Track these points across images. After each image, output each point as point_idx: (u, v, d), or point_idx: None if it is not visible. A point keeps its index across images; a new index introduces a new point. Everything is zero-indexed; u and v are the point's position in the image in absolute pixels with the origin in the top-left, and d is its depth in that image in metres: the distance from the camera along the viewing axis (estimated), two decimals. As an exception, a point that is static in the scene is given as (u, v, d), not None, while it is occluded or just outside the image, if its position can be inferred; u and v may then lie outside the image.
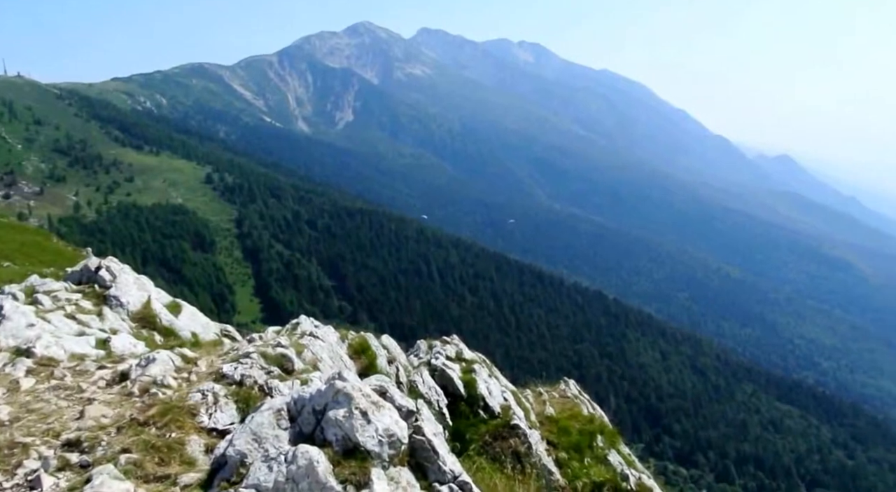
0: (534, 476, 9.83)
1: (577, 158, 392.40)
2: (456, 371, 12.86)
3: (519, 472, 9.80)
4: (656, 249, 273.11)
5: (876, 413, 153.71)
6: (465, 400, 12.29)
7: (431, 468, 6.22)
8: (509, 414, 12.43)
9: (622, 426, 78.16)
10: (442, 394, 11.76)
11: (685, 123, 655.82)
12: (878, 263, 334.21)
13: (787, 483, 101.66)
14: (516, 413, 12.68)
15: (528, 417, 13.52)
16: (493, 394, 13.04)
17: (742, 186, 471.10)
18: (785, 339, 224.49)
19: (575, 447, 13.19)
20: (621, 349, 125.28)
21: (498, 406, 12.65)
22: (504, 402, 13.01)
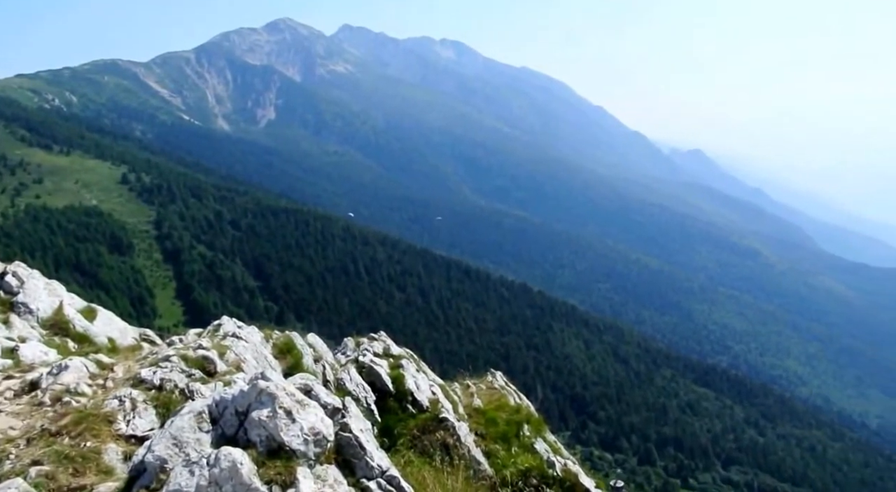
0: (462, 467, 9.94)
1: (501, 154, 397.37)
2: (384, 367, 12.85)
3: (447, 464, 9.89)
4: (578, 241, 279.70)
5: (783, 392, 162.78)
6: (394, 396, 12.30)
7: (359, 465, 6.21)
8: (438, 408, 12.51)
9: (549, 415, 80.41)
10: (370, 390, 11.74)
11: (603, 119, 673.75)
12: (782, 251, 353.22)
13: (704, 462, 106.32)
14: (445, 407, 12.77)
15: (457, 409, 13.63)
16: (422, 388, 13.09)
17: (658, 179, 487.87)
18: (700, 325, 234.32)
19: (502, 437, 13.38)
20: (547, 340, 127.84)
21: (426, 400, 12.71)
22: (432, 396, 13.08)
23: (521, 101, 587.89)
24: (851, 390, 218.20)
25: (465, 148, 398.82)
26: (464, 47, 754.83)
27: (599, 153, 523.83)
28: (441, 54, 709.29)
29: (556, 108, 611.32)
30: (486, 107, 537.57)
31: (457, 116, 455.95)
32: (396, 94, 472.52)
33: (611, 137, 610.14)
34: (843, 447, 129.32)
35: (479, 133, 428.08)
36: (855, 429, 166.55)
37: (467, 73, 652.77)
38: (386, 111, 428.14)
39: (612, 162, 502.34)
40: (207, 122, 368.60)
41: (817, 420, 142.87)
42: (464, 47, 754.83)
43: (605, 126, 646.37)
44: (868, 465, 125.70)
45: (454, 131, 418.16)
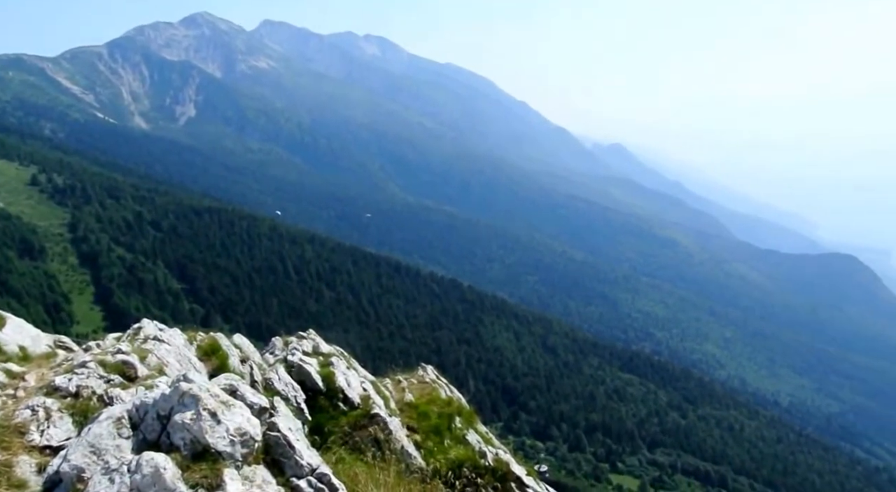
0: (393, 461, 9.96)
1: (427, 150, 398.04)
2: (313, 366, 12.73)
3: (380, 459, 9.90)
4: (506, 236, 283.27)
5: (703, 375, 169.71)
6: (325, 394, 12.21)
7: (288, 464, 6.14)
8: (369, 404, 12.49)
9: (481, 407, 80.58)
10: (300, 389, 11.61)
11: (527, 115, 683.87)
12: (700, 241, 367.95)
13: (631, 446, 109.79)
14: (376, 402, 12.76)
15: (388, 405, 13.64)
16: (353, 385, 13.03)
17: (581, 173, 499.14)
18: (624, 314, 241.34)
19: (434, 430, 13.47)
20: (478, 334, 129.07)
21: (357, 397, 12.67)
22: (364, 392, 13.04)
23: (447, 97, 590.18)
24: (765, 370, 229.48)
25: (391, 144, 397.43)
26: (388, 43, 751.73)
27: (524, 148, 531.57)
28: (365, 50, 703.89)
29: (480, 105, 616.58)
30: (412, 103, 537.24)
31: (383, 113, 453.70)
32: (321, 91, 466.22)
33: (535, 133, 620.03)
34: (758, 425, 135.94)
35: (406, 129, 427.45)
36: (768, 407, 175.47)
37: (392, 69, 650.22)
38: (310, 108, 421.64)
39: (536, 157, 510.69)
40: (123, 119, 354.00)
41: (734, 401, 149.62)
42: (388, 43, 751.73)
43: (529, 122, 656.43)
44: (780, 440, 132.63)
45: (380, 128, 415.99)
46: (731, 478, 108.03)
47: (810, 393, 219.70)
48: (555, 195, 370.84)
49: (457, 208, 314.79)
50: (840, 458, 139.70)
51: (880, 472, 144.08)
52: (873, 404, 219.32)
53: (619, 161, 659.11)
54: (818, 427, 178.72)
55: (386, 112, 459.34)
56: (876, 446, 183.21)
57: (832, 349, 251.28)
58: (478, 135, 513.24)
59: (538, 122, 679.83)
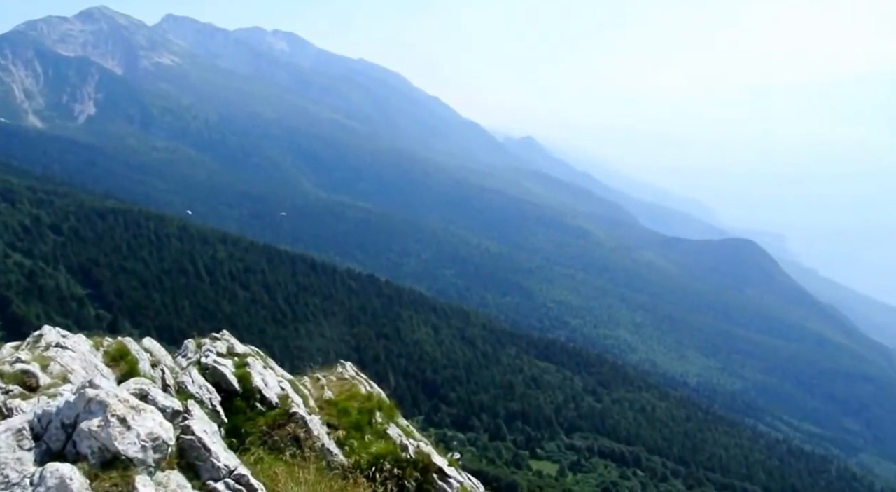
0: (313, 459, 9.91)
1: (341, 146, 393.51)
2: (228, 367, 12.50)
3: (299, 457, 9.83)
4: (422, 230, 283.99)
5: (616, 360, 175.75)
6: (241, 395, 12.03)
7: (204, 467, 6.00)
8: (287, 403, 12.37)
9: (402, 401, 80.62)
10: (214, 391, 11.36)
11: (439, 109, 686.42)
12: (610, 230, 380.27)
13: (549, 432, 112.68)
14: (294, 401, 12.65)
15: (307, 403, 13.55)
16: (270, 385, 12.87)
17: (493, 166, 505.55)
18: (539, 303, 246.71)
19: (355, 426, 13.49)
20: (396, 328, 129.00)
21: (275, 397, 12.53)
22: (281, 391, 12.91)
23: (359, 92, 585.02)
24: (673, 353, 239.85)
25: (303, 141, 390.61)
26: (297, 39, 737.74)
27: (437, 143, 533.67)
28: (274, 46, 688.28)
29: (393, 100, 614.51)
30: (324, 99, 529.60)
31: (293, 109, 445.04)
32: (228, 87, 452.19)
33: (447, 127, 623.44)
34: (669, 406, 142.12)
35: (318, 126, 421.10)
36: (678, 388, 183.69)
37: (302, 64, 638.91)
38: (218, 104, 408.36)
39: (449, 151, 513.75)
40: (16, 118, 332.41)
41: (646, 383, 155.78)
42: (297, 39, 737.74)
43: (442, 116, 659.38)
44: (689, 419, 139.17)
45: (291, 124, 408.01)
46: (645, 457, 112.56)
47: (716, 372, 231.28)
48: (469, 188, 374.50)
49: (372, 204, 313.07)
50: (744, 432, 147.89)
51: (780, 443, 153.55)
52: (773, 379, 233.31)
53: (530, 153, 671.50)
54: (724, 404, 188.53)
55: (297, 108, 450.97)
56: (776, 420, 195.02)
57: (735, 330, 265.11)
58: (391, 130, 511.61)
59: (450, 116, 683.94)
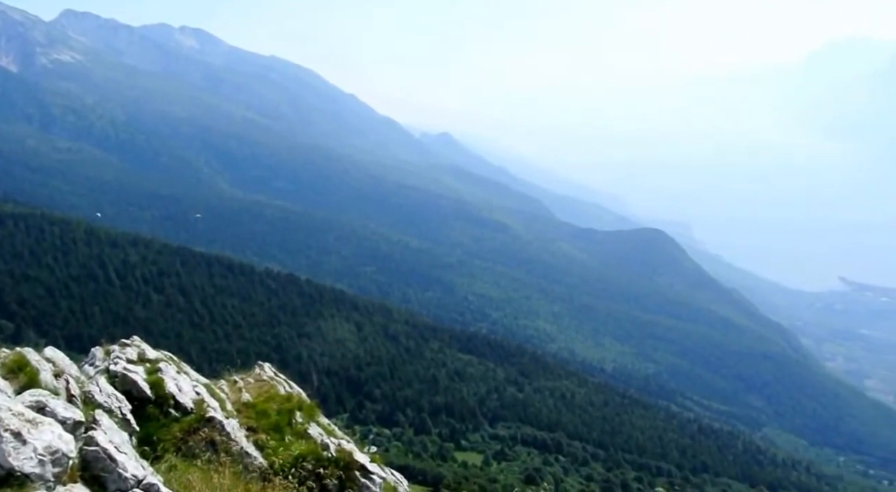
0: (229, 464, 9.78)
1: (255, 144, 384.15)
2: (139, 374, 12.18)
3: (215, 462, 9.67)
4: (341, 227, 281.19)
5: (536, 350, 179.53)
6: (154, 401, 11.77)
7: (110, 478, 5.85)
8: (203, 408, 12.16)
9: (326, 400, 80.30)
10: (125, 400, 11.01)
11: (356, 106, 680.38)
12: (527, 223, 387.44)
13: (473, 423, 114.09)
14: (210, 405, 12.44)
15: (224, 407, 13.36)
16: (184, 390, 12.61)
17: (411, 163, 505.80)
18: (461, 297, 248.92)
19: (275, 428, 13.40)
20: (318, 327, 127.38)
21: (190, 402, 12.30)
22: (197, 396, 12.68)
23: (272, 90, 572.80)
24: (590, 341, 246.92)
25: (216, 139, 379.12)
26: (206, 35, 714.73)
27: (354, 140, 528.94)
28: (182, 43, 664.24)
29: (308, 97, 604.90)
30: (236, 96, 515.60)
31: (205, 107, 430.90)
32: (135, 85, 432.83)
33: (364, 124, 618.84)
34: (587, 392, 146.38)
35: (231, 124, 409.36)
36: (595, 374, 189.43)
37: (213, 62, 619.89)
38: (125, 103, 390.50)
39: (366, 148, 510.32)
40: None
41: (565, 371, 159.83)
42: (206, 35, 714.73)
43: (358, 113, 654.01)
44: (607, 404, 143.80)
45: (203, 122, 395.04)
46: (566, 443, 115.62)
47: (630, 358, 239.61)
48: (387, 185, 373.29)
49: (289, 202, 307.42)
50: (658, 414, 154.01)
51: (691, 423, 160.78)
52: (684, 362, 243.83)
53: (447, 150, 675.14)
54: (639, 388, 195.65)
55: (208, 106, 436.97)
56: (687, 400, 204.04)
57: (647, 316, 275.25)
58: (307, 127, 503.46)
59: (367, 113, 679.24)
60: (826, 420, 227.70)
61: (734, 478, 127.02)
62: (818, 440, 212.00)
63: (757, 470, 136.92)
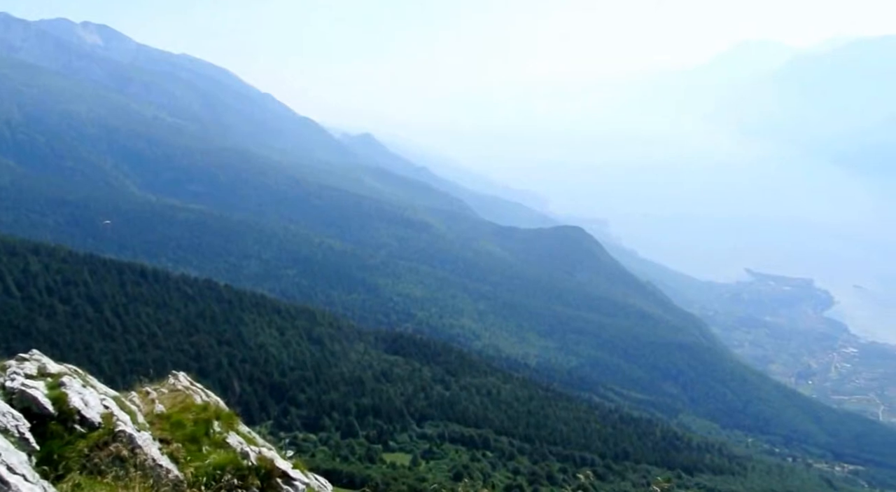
0: (138, 478, 9.40)
1: (167, 145, 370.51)
2: (40, 389, 11.59)
3: (125, 478, 9.27)
4: (261, 230, 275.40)
5: (462, 348, 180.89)
6: (57, 418, 11.21)
7: (5, 500, 5.48)
8: (112, 422, 11.75)
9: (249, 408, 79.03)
10: (22, 418, 10.42)
11: (273, 106, 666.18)
12: (450, 222, 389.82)
13: (401, 423, 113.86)
14: (120, 419, 12.03)
15: (136, 419, 12.96)
16: (91, 405, 12.11)
17: (332, 163, 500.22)
18: (386, 298, 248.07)
19: (191, 438, 13.12)
20: (239, 334, 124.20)
21: (98, 417, 11.83)
22: (105, 410, 12.22)
23: (184, 89, 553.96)
24: (514, 337, 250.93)
25: (125, 141, 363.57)
26: (112, 31, 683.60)
27: (272, 141, 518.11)
28: (85, 39, 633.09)
29: (222, 96, 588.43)
30: (145, 96, 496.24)
31: (112, 107, 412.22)
32: (34, 84, 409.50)
33: (282, 124, 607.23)
34: (513, 387, 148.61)
35: (140, 124, 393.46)
36: (520, 369, 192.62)
37: (119, 59, 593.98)
38: (22, 102, 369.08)
39: (285, 148, 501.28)
40: None
41: (490, 368, 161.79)
42: (112, 31, 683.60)
43: (276, 113, 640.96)
44: (532, 398, 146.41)
45: (110, 123, 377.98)
46: (493, 439, 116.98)
47: (554, 352, 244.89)
48: (307, 186, 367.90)
49: (206, 205, 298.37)
50: (581, 406, 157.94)
51: (613, 412, 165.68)
52: (604, 354, 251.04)
53: (369, 150, 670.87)
54: (562, 381, 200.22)
55: (116, 106, 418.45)
56: (608, 391, 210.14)
57: (568, 311, 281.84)
58: (222, 128, 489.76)
59: (284, 113, 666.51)
60: (735, 404, 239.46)
61: (653, 463, 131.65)
62: (729, 423, 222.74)
63: (674, 454, 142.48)
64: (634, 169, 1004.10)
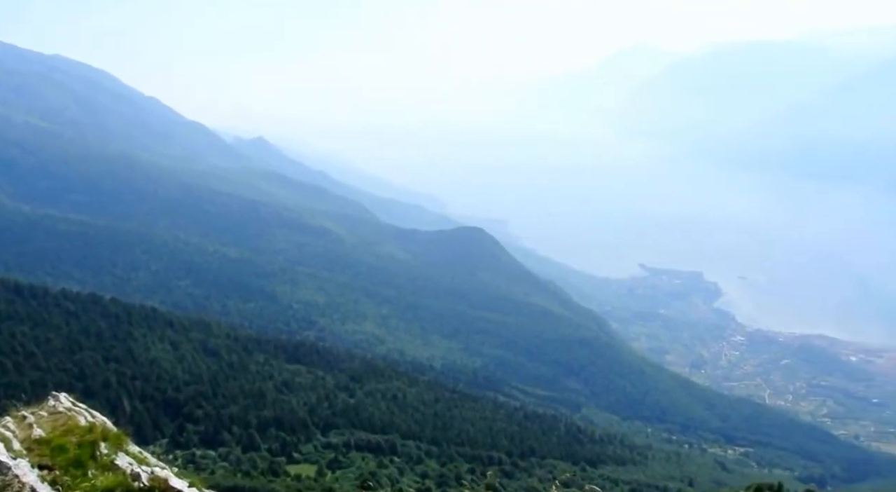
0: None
1: (42, 152, 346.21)
2: None
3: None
4: (150, 240, 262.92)
5: (366, 354, 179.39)
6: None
7: None
8: (-20, 451, 10.52)
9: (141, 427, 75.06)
10: None
11: (159, 110, 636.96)
12: (350, 226, 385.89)
13: (305, 434, 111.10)
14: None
15: (10, 447, 11.86)
16: (-45, 434, 10.82)
17: (224, 168, 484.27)
18: (285, 306, 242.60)
19: (75, 463, 12.20)
20: (128, 349, 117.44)
21: (-37, 447, 10.56)
22: (-27, 440, 10.95)
23: (59, 92, 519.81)
24: (419, 340, 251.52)
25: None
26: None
27: (159, 146, 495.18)
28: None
29: (102, 100, 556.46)
30: (15, 99, 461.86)
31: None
32: None
33: (169, 129, 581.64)
34: (418, 390, 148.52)
35: (10, 130, 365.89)
36: (425, 372, 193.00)
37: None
38: None
39: (173, 154, 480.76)
40: None
41: (396, 372, 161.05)
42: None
43: (162, 117, 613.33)
44: (438, 400, 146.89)
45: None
46: (400, 444, 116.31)
47: (458, 353, 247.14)
48: (199, 192, 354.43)
49: (88, 216, 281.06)
50: (487, 405, 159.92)
51: (518, 410, 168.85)
52: (507, 353, 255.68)
53: (263, 154, 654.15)
54: (467, 382, 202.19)
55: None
56: (513, 390, 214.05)
57: (471, 312, 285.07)
58: (103, 133, 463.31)
59: (172, 117, 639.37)
60: (634, 395, 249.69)
61: (559, 458, 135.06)
62: (629, 414, 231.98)
63: (578, 448, 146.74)
64: (533, 168, 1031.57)
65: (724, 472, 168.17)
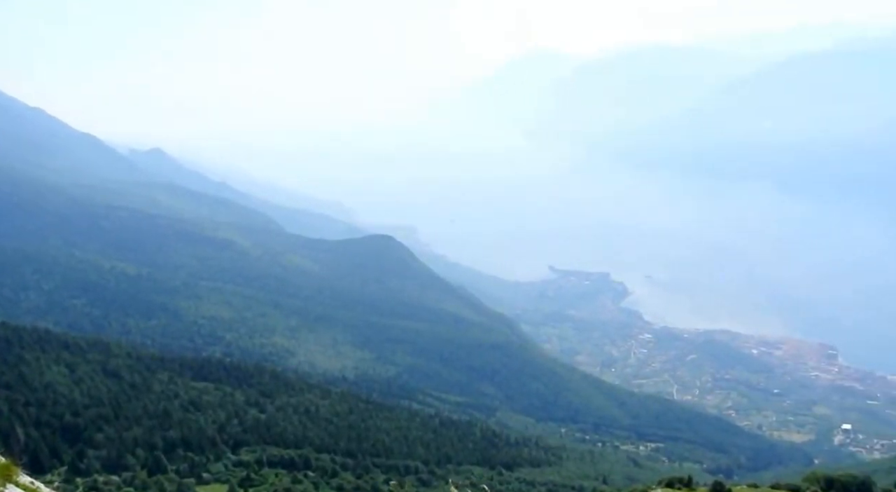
0: None
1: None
2: None
3: None
4: (40, 258, 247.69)
5: (275, 367, 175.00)
6: None
7: None
8: None
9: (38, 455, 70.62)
10: None
11: (44, 121, 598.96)
12: (254, 238, 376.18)
13: (214, 453, 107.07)
14: None
15: None
16: None
17: (119, 181, 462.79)
18: (189, 322, 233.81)
19: None
20: (20, 374, 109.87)
21: None
22: None
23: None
24: (331, 351, 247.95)
25: None
26: None
27: (46, 160, 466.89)
28: None
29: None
30: None
31: None
32: None
33: (57, 141, 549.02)
34: (331, 402, 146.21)
35: None
36: (338, 383, 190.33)
37: None
38: None
39: (64, 168, 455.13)
40: None
41: (307, 385, 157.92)
42: None
43: (48, 129, 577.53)
44: (352, 412, 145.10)
45: None
46: (315, 458, 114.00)
47: (371, 363, 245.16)
48: (92, 207, 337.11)
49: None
50: (402, 414, 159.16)
51: (433, 417, 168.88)
52: (421, 360, 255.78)
53: (160, 166, 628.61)
54: (381, 392, 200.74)
55: None
56: (428, 397, 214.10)
57: (382, 320, 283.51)
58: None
59: (60, 129, 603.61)
60: (547, 397, 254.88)
61: (475, 463, 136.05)
62: (543, 416, 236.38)
63: (494, 453, 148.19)
64: (441, 174, 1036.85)
65: (637, 468, 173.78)
